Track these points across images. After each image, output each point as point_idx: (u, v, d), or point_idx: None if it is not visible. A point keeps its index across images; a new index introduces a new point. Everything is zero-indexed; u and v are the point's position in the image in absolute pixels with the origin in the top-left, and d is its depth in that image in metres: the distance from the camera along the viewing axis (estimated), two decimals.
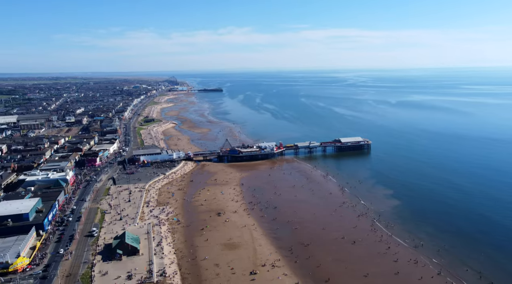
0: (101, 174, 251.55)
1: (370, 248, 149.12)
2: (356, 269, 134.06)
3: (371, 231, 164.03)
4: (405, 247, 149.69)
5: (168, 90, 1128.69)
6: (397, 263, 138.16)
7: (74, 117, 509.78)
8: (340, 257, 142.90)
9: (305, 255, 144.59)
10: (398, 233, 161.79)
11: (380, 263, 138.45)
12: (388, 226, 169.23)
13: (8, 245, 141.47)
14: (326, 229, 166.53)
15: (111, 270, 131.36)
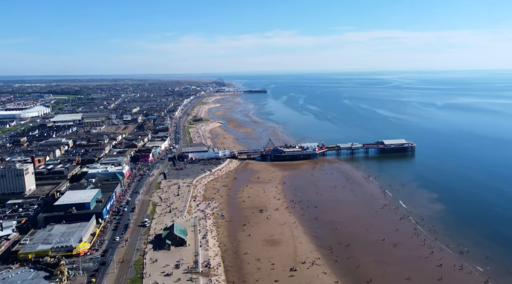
0: (153, 169, 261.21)
1: (412, 252, 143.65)
2: (397, 272, 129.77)
3: (413, 235, 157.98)
4: (450, 253, 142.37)
5: (216, 91, 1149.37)
6: (441, 268, 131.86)
7: (131, 115, 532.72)
8: (381, 259, 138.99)
9: (346, 255, 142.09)
10: (442, 238, 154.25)
11: (422, 267, 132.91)
12: (431, 230, 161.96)
13: (72, 231, 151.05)
14: (367, 231, 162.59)
15: (161, 259, 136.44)
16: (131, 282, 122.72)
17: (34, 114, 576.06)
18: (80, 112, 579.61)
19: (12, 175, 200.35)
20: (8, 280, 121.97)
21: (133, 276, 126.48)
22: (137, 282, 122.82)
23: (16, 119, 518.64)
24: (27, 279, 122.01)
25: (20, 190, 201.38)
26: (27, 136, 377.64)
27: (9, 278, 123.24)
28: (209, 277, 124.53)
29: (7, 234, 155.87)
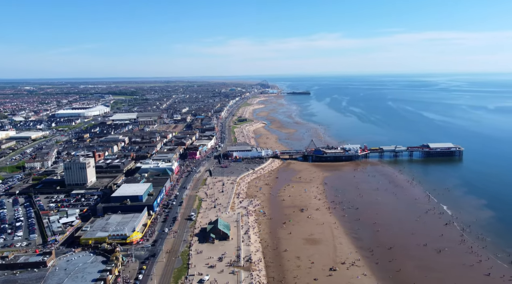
0: (200, 166, 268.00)
1: (458, 259, 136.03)
2: (441, 278, 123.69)
3: (459, 242, 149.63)
4: (499, 263, 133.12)
5: (260, 92, 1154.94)
6: (489, 277, 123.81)
7: (180, 115, 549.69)
8: (424, 264, 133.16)
9: (387, 258, 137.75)
10: (490, 247, 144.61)
11: (469, 275, 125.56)
12: (479, 238, 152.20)
13: (127, 221, 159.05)
14: (410, 235, 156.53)
15: (205, 251, 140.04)
16: (178, 272, 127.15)
17: (96, 113, 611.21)
18: (135, 112, 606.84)
19: (77, 168, 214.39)
20: (72, 262, 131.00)
21: (180, 266, 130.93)
22: (183, 271, 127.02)
23: (80, 117, 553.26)
24: (87, 262, 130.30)
25: (83, 181, 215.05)
26: (89, 133, 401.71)
27: (73, 260, 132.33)
28: (250, 272, 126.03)
29: (71, 221, 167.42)
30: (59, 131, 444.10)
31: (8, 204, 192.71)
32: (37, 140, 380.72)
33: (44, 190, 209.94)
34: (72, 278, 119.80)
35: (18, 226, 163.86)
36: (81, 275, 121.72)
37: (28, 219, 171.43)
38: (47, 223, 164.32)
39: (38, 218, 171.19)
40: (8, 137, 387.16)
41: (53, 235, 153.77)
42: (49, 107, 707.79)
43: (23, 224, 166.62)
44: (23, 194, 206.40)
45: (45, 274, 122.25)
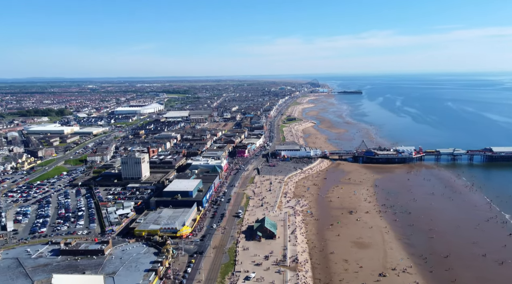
0: (248, 165, 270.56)
1: None
2: None
3: None
4: None
5: (310, 91, 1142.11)
6: None
7: (230, 113, 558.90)
8: (484, 276, 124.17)
9: (442, 266, 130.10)
10: None
11: None
12: None
13: (177, 215, 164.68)
14: (468, 244, 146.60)
15: (251, 249, 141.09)
16: (224, 267, 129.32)
17: (151, 110, 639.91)
18: (188, 110, 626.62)
19: (132, 162, 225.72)
20: (126, 252, 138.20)
21: (227, 261, 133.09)
22: (230, 267, 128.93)
23: (137, 114, 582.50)
24: (140, 253, 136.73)
25: (138, 176, 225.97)
26: (144, 130, 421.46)
27: (127, 250, 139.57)
28: (296, 272, 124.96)
29: (127, 213, 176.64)
30: (118, 127, 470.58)
31: (72, 194, 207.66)
32: (98, 135, 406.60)
33: (103, 183, 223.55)
34: (126, 267, 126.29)
35: (80, 215, 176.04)
36: (134, 264, 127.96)
37: (88, 209, 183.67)
38: (105, 214, 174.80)
39: (97, 209, 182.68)
40: (73, 132, 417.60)
41: (110, 225, 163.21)
42: (109, 105, 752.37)
43: (84, 213, 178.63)
44: (84, 185, 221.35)
45: (102, 262, 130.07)
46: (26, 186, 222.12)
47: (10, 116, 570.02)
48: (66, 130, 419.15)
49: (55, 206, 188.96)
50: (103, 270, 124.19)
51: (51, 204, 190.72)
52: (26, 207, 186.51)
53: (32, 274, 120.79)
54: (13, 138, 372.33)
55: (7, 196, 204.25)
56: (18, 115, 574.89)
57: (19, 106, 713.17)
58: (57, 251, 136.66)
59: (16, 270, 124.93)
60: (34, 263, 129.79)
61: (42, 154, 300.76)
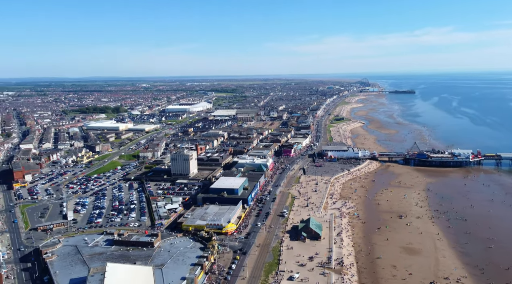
0: (294, 164, 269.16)
1: None
2: None
3: None
4: None
5: (359, 91, 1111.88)
6: None
7: (277, 112, 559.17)
8: None
9: (502, 279, 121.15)
10: None
11: None
12: None
13: (223, 212, 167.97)
14: None
15: (296, 249, 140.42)
16: (268, 266, 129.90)
17: (199, 108, 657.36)
18: (235, 108, 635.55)
19: (181, 159, 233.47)
20: (174, 245, 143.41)
21: (271, 260, 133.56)
22: (274, 266, 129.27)
23: (186, 112, 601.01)
24: (187, 247, 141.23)
25: (186, 172, 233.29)
26: (193, 127, 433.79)
27: (175, 244, 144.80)
28: (342, 275, 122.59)
29: (175, 208, 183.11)
30: (168, 124, 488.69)
31: (125, 188, 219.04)
32: (150, 132, 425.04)
33: (154, 178, 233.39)
34: (174, 260, 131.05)
35: (132, 208, 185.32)
36: (181, 258, 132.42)
37: (140, 203, 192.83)
38: (155, 208, 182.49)
39: (148, 203, 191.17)
40: (127, 128, 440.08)
41: (159, 219, 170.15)
42: (160, 103, 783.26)
43: (136, 207, 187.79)
44: (137, 180, 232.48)
45: (152, 254, 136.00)
46: (84, 179, 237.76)
47: (72, 113, 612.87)
48: (121, 127, 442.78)
49: (110, 198, 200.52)
50: (152, 262, 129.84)
51: (106, 197, 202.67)
52: (84, 198, 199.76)
53: (88, 262, 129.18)
54: (74, 134, 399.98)
55: (68, 188, 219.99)
56: (79, 112, 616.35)
57: (80, 104, 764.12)
58: (111, 241, 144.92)
59: (75, 256, 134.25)
60: (91, 251, 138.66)
61: (99, 149, 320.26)
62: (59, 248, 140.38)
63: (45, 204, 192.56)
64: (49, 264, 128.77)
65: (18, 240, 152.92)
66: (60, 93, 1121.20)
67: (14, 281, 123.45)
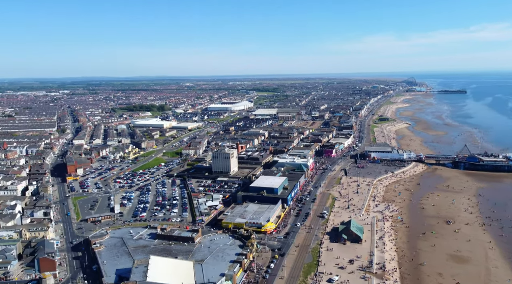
0: (335, 165, 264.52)
1: None
2: None
3: None
4: None
5: (405, 90, 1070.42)
6: None
7: (318, 112, 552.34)
8: None
9: None
10: None
11: None
12: None
13: (262, 211, 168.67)
14: None
15: (336, 251, 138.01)
16: (307, 267, 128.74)
17: (241, 107, 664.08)
18: (276, 107, 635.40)
19: (222, 157, 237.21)
20: (214, 242, 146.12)
21: (310, 261, 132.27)
22: (313, 267, 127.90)
23: (228, 111, 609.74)
24: (226, 244, 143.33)
25: (227, 170, 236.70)
26: (234, 126, 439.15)
27: (215, 240, 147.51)
28: (383, 280, 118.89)
29: (215, 205, 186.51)
30: (210, 123, 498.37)
31: (168, 184, 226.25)
32: (192, 130, 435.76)
33: (195, 175, 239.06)
34: (213, 256, 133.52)
35: (174, 203, 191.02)
36: (221, 254, 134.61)
37: (182, 199, 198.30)
38: (196, 204, 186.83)
39: (189, 199, 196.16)
40: (171, 126, 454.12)
41: (200, 215, 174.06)
42: (203, 102, 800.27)
43: (178, 202, 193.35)
44: (179, 176, 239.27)
45: (192, 249, 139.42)
46: (131, 174, 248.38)
47: (120, 110, 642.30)
48: (165, 125, 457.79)
49: (154, 193, 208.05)
50: (193, 257, 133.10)
51: (151, 192, 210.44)
52: (130, 193, 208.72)
53: (133, 254, 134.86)
54: (122, 131, 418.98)
55: (116, 182, 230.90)
56: (126, 110, 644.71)
57: (128, 102, 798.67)
58: (154, 235, 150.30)
59: (120, 248, 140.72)
60: (135, 243, 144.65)
61: (144, 145, 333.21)
62: (107, 239, 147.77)
63: (95, 197, 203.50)
64: (97, 254, 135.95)
65: (70, 230, 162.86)
66: (110, 91, 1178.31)
67: (66, 269, 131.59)
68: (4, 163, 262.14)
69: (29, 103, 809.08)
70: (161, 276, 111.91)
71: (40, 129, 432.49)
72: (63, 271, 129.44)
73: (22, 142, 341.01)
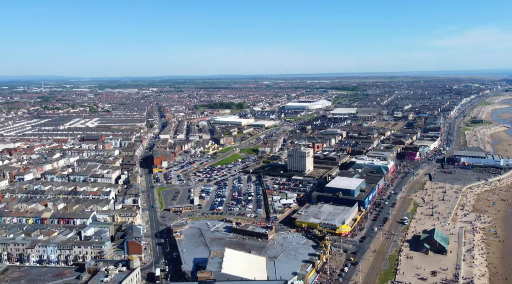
0: (419, 169, 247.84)
1: None
2: None
3: None
4: None
5: (505, 90, 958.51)
6: None
7: (401, 112, 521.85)
8: None
9: None
10: None
11: None
12: None
13: (337, 212, 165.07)
14: None
15: (416, 260, 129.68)
16: (384, 274, 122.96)
17: (318, 106, 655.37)
18: (355, 107, 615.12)
19: (298, 156, 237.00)
20: (287, 240, 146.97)
21: (387, 269, 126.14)
22: (390, 275, 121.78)
23: (305, 110, 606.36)
24: (299, 243, 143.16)
25: (302, 169, 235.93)
26: (311, 125, 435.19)
27: (288, 238, 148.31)
28: None
29: (290, 203, 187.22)
30: (287, 121, 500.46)
31: (244, 180, 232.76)
32: (269, 128, 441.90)
33: (270, 172, 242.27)
34: (286, 254, 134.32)
35: (249, 199, 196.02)
36: (293, 253, 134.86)
37: (257, 195, 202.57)
38: (271, 201, 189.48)
39: (264, 196, 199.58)
40: (249, 124, 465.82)
41: (274, 212, 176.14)
42: (280, 100, 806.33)
43: (253, 198, 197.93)
44: (255, 173, 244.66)
45: (265, 245, 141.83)
46: (209, 168, 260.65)
47: (201, 107, 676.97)
48: (243, 122, 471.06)
49: (230, 188, 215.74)
50: (266, 253, 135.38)
51: (227, 187, 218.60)
52: (208, 186, 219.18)
53: (210, 245, 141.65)
54: (203, 127, 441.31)
55: (196, 175, 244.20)
56: (207, 107, 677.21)
57: (209, 100, 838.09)
58: (229, 229, 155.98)
59: (198, 238, 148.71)
60: (212, 235, 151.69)
61: (223, 142, 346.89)
62: (186, 229, 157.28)
63: (177, 189, 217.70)
64: (178, 242, 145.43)
65: (155, 218, 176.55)
66: (193, 89, 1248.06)
67: (150, 253, 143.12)
68: (101, 154, 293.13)
69: (123, 99, 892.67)
70: (235, 269, 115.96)
71: (131, 124, 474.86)
72: (148, 255, 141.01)
73: (117, 135, 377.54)
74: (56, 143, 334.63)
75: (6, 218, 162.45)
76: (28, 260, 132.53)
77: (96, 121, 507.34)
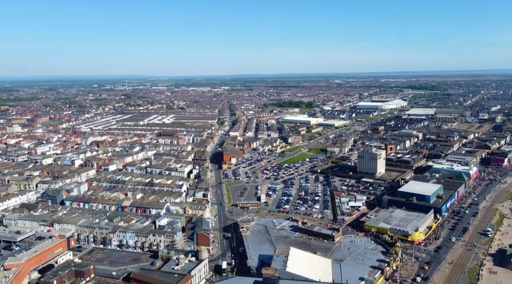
0: (507, 176, 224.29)
1: None
2: None
3: None
4: None
5: None
6: None
7: (488, 114, 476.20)
8: None
9: None
10: None
11: None
12: None
13: (410, 218, 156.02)
14: None
15: (501, 277, 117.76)
16: None
17: (393, 106, 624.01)
18: (434, 107, 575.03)
19: (369, 157, 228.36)
20: (355, 243, 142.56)
21: (465, 283, 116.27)
22: None
23: (378, 110, 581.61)
24: (368, 248, 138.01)
25: (373, 171, 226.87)
26: (384, 126, 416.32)
27: (355, 242, 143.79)
28: None
29: (358, 206, 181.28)
30: (358, 121, 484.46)
31: (311, 180, 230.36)
32: (339, 128, 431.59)
33: (339, 173, 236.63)
34: (353, 258, 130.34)
35: (316, 200, 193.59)
36: (361, 258, 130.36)
37: (324, 196, 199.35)
38: (338, 203, 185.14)
39: (331, 197, 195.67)
40: (318, 123, 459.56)
41: (342, 214, 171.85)
42: (351, 99, 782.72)
43: (320, 199, 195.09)
44: (322, 173, 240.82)
45: (331, 247, 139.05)
46: (277, 167, 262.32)
47: (271, 106, 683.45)
48: (312, 121, 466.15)
49: (297, 187, 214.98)
50: (332, 255, 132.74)
51: (294, 186, 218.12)
52: (275, 184, 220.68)
53: (275, 242, 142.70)
54: (272, 125, 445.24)
55: (263, 173, 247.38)
56: (276, 106, 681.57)
57: (278, 98, 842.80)
58: (295, 228, 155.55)
59: (264, 235, 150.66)
60: (277, 233, 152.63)
61: (291, 140, 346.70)
62: (252, 225, 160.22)
63: (244, 185, 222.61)
64: (244, 237, 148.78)
65: (223, 213, 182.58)
66: (263, 88, 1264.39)
67: (218, 246, 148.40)
68: (176, 148, 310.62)
69: (197, 97, 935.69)
70: (300, 268, 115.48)
71: (204, 121, 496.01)
72: (215, 248, 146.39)
73: (190, 131, 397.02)
74: (136, 137, 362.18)
75: (93, 204, 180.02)
76: (110, 243, 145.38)
77: (171, 117, 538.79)
